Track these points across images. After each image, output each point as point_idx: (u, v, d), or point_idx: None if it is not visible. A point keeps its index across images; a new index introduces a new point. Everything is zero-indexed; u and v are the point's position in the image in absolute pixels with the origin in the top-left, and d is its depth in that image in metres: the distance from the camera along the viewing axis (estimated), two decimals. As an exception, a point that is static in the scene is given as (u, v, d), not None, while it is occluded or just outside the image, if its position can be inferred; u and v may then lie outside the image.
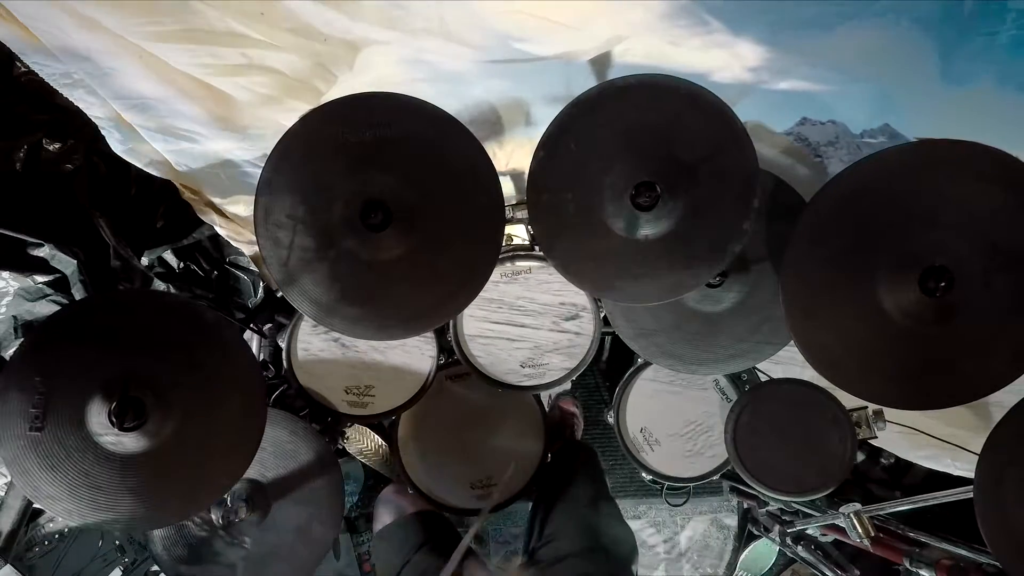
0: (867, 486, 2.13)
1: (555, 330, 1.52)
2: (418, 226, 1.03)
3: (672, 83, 1.04)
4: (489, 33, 1.15)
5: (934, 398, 1.01)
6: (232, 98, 1.32)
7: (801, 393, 1.35)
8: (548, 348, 1.52)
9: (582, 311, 1.51)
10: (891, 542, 1.42)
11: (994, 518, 0.98)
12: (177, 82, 1.29)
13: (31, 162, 1.60)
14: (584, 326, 1.52)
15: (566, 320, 1.52)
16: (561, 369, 1.54)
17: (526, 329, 1.51)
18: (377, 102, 1.03)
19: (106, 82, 1.29)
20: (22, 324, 1.64)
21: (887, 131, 1.23)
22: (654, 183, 1.00)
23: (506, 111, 1.36)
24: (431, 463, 1.63)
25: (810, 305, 1.05)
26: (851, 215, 1.01)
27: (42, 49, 1.23)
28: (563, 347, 1.52)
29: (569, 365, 1.53)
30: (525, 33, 1.15)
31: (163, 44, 1.20)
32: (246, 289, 1.89)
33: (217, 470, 1.04)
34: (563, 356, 1.53)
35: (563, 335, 1.52)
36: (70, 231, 1.63)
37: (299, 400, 1.53)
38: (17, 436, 0.95)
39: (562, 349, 1.53)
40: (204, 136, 1.42)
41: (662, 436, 1.67)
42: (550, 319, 1.51)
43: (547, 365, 1.53)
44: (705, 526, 2.34)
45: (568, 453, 1.70)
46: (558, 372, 1.54)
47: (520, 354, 1.52)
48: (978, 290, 0.94)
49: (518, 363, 1.53)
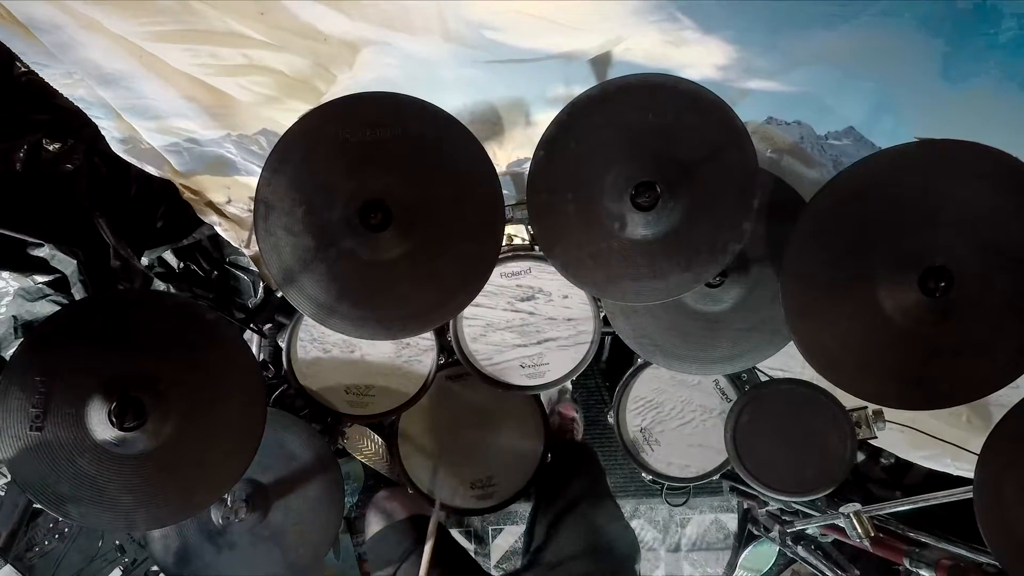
0: (867, 486, 2.13)
1: (555, 329, 1.52)
2: (418, 226, 1.03)
3: (672, 83, 1.04)
4: (489, 33, 1.15)
5: (934, 398, 1.01)
6: (232, 98, 1.32)
7: (801, 393, 1.35)
8: (548, 348, 1.52)
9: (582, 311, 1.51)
10: (891, 542, 1.42)
11: (994, 518, 0.98)
12: (177, 82, 1.29)
13: (31, 162, 1.60)
14: (584, 326, 1.52)
15: (565, 320, 1.52)
16: (561, 369, 1.54)
17: (526, 328, 1.51)
18: (377, 102, 1.03)
19: (106, 82, 1.29)
20: (22, 324, 1.64)
21: (852, 134, 1.24)
22: (654, 183, 1.00)
23: (506, 111, 1.36)
24: (431, 463, 1.63)
25: (810, 305, 1.05)
26: (851, 215, 1.01)
27: (42, 49, 1.23)
28: (563, 347, 1.52)
29: (569, 365, 1.53)
30: (524, 33, 1.15)
31: (163, 44, 1.20)
32: (246, 289, 1.89)
33: (217, 470, 1.04)
34: (563, 356, 1.53)
35: (563, 335, 1.52)
36: (70, 231, 1.63)
37: (299, 400, 1.53)
38: (17, 435, 0.95)
39: (562, 349, 1.53)
40: (204, 136, 1.42)
41: (662, 436, 1.67)
42: (550, 318, 1.51)
43: (547, 365, 1.53)
44: (705, 526, 2.34)
45: (568, 454, 1.70)
46: (558, 372, 1.54)
47: (520, 354, 1.52)
48: (978, 290, 0.94)
49: (518, 363, 1.53)
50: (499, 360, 1.52)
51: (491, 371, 1.53)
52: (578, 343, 1.52)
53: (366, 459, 1.79)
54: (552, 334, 1.52)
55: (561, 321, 1.51)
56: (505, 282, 1.49)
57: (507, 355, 1.52)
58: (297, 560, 1.28)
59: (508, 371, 1.53)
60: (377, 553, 1.45)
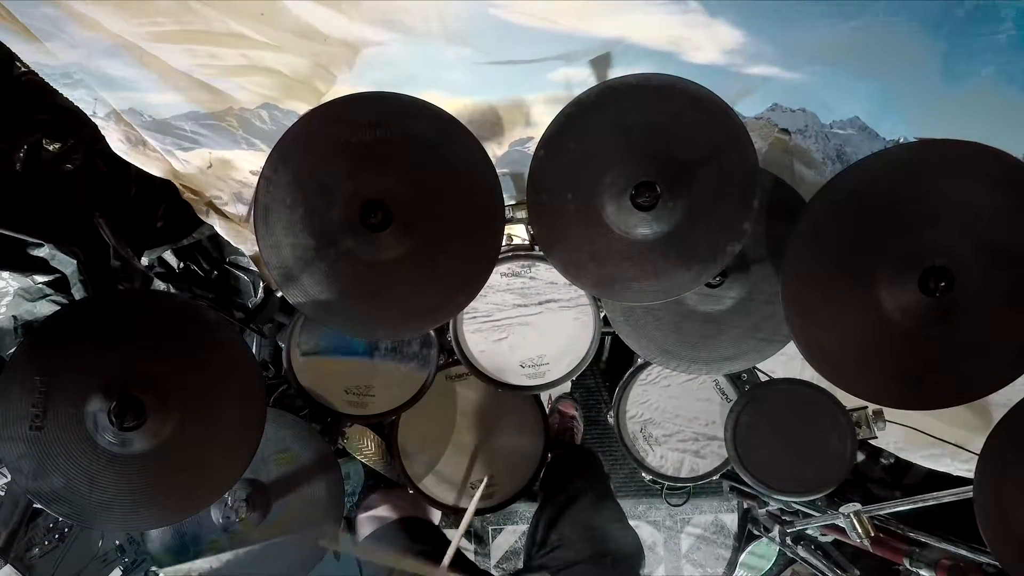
0: (867, 486, 2.13)
1: (555, 330, 1.52)
2: (418, 226, 1.03)
3: (672, 83, 1.04)
4: (488, 33, 1.15)
5: (934, 398, 1.01)
6: (232, 98, 1.32)
7: (801, 393, 1.35)
8: (548, 348, 1.52)
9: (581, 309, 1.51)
10: (891, 542, 1.42)
11: (994, 518, 0.98)
12: (177, 82, 1.29)
13: (31, 162, 1.60)
14: (584, 326, 1.52)
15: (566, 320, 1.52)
16: (561, 369, 1.54)
17: (526, 328, 1.51)
18: (377, 102, 1.03)
19: (106, 82, 1.29)
20: (22, 324, 1.64)
21: (856, 123, 1.23)
22: (654, 183, 1.00)
23: (506, 111, 1.36)
24: (431, 463, 1.63)
25: (810, 305, 1.05)
26: (851, 215, 1.01)
27: (42, 49, 1.23)
28: (563, 347, 1.52)
29: (569, 365, 1.53)
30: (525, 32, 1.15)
31: (163, 44, 1.20)
32: (246, 289, 1.89)
33: (217, 470, 1.04)
34: (563, 356, 1.53)
35: (563, 335, 1.52)
36: (70, 231, 1.63)
37: (299, 400, 1.53)
38: (17, 435, 0.95)
39: (562, 349, 1.52)
40: (204, 136, 1.42)
41: (662, 436, 1.67)
42: (550, 318, 1.51)
43: (547, 365, 1.53)
44: (705, 526, 2.34)
45: (570, 458, 1.70)
46: (558, 372, 1.54)
47: (520, 354, 1.52)
48: (978, 290, 0.94)
49: (518, 363, 1.53)
50: (499, 360, 1.52)
51: (491, 371, 1.53)
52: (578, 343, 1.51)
53: (366, 459, 1.79)
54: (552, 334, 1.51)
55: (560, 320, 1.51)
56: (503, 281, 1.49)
57: (507, 355, 1.52)
58: (297, 560, 1.28)
59: (508, 371, 1.53)
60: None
